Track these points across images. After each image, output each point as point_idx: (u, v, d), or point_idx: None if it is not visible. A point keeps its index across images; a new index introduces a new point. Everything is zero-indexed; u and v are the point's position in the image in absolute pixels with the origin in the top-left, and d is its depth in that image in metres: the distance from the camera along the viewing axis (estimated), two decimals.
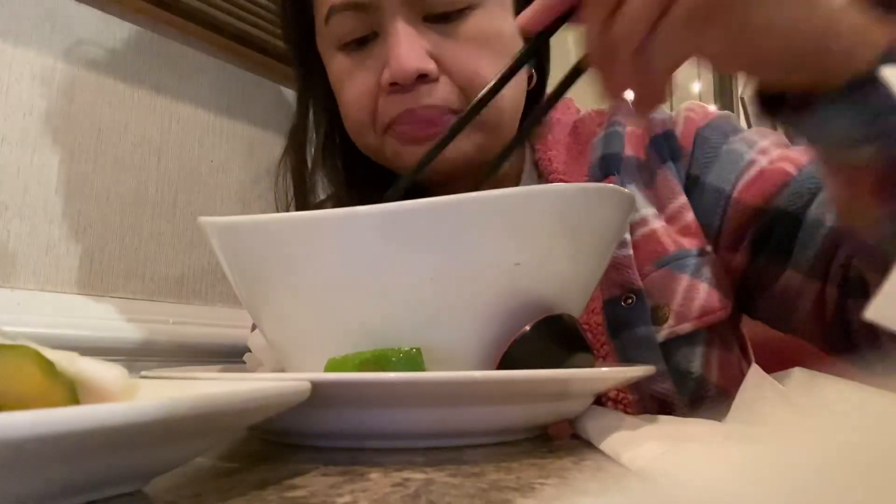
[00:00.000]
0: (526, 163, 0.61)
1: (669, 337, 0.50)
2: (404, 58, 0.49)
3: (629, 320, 0.51)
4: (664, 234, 0.53)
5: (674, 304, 0.51)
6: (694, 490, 0.14)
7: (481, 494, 0.22)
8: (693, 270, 0.52)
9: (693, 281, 0.51)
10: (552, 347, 0.34)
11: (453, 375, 0.29)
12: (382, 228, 0.33)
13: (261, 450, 0.32)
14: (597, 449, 0.30)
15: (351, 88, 0.54)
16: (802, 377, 0.29)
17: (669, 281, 0.51)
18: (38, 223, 0.67)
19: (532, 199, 0.34)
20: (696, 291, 0.51)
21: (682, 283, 0.51)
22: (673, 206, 0.54)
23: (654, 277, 0.51)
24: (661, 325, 0.51)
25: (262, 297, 0.37)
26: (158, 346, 0.73)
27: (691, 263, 0.52)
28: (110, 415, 0.17)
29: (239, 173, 0.88)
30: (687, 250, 0.52)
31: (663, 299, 0.51)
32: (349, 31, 0.53)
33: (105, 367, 0.22)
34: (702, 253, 0.52)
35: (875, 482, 0.12)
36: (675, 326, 0.51)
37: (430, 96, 0.50)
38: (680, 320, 0.51)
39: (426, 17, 0.51)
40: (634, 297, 0.51)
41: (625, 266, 0.51)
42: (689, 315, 0.51)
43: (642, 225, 0.53)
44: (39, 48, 0.68)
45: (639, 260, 0.52)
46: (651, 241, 0.52)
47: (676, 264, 0.52)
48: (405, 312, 0.33)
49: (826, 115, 0.35)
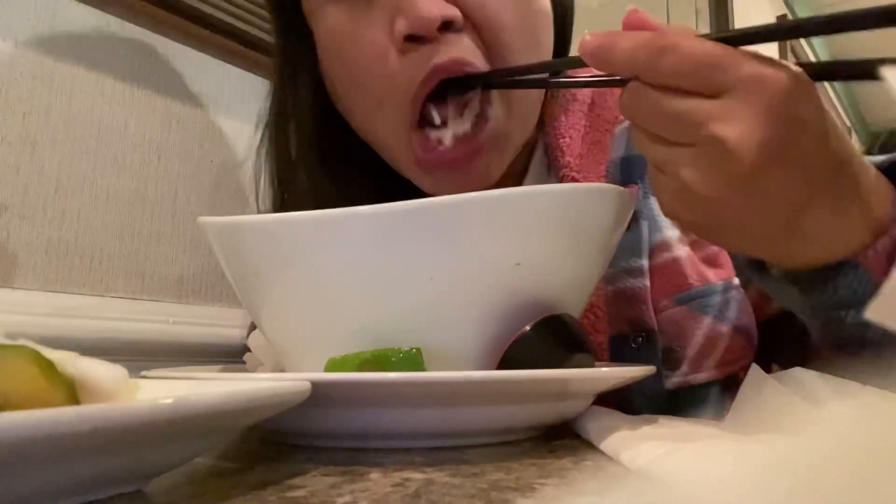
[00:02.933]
0: (538, 148, 0.53)
1: (680, 385, 0.44)
2: (423, 2, 0.40)
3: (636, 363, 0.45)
4: (688, 263, 0.46)
5: (690, 349, 0.44)
6: (694, 490, 0.14)
7: (481, 494, 0.22)
8: (717, 311, 0.45)
9: (716, 325, 0.45)
10: (552, 347, 0.33)
11: (453, 375, 0.29)
12: (382, 228, 0.33)
13: (261, 450, 0.32)
14: (597, 449, 0.30)
15: (353, 52, 0.44)
16: (802, 377, 0.29)
17: (689, 321, 0.45)
18: (38, 223, 0.67)
19: (532, 199, 0.34)
20: (718, 336, 0.45)
21: (703, 327, 0.45)
22: None
23: (672, 314, 0.45)
24: (673, 370, 0.44)
25: (262, 297, 0.37)
26: (158, 346, 0.73)
27: (715, 302, 0.45)
28: (110, 415, 0.17)
29: (239, 173, 0.88)
30: (712, 286, 0.45)
31: (678, 342, 0.44)
32: None
33: (105, 367, 0.22)
34: (727, 287, 0.46)
35: (874, 482, 0.12)
36: (689, 375, 0.44)
37: (459, 47, 0.42)
38: (695, 369, 0.44)
39: None
40: (645, 336, 0.44)
41: (638, 299, 0.45)
42: (707, 364, 0.44)
43: (664, 250, 0.46)
44: (39, 48, 0.68)
45: (655, 291, 0.45)
46: (672, 272, 0.45)
47: (698, 303, 0.45)
48: (405, 312, 0.33)
49: (777, 287, 0.37)
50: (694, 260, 0.46)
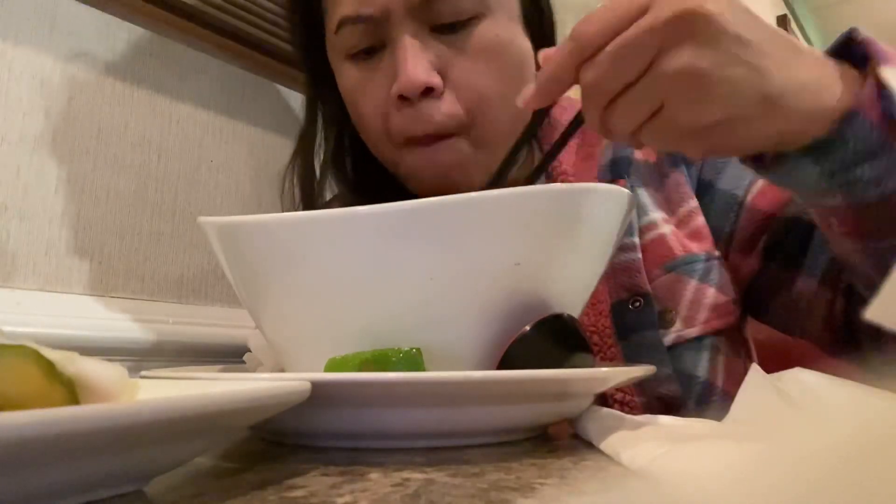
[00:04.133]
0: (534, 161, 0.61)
1: (676, 341, 0.51)
2: (411, 72, 0.49)
3: (637, 324, 0.51)
4: (673, 238, 0.53)
5: (681, 308, 0.51)
6: (694, 490, 0.14)
7: (481, 494, 0.22)
8: (701, 275, 0.52)
9: (701, 285, 0.52)
10: (552, 347, 0.34)
11: (453, 375, 0.29)
12: (382, 228, 0.33)
13: (261, 450, 0.32)
14: (597, 449, 0.30)
15: (364, 103, 0.54)
16: (802, 377, 0.29)
17: (677, 285, 0.52)
18: (38, 223, 0.67)
19: (532, 199, 0.34)
20: (703, 296, 0.52)
21: (690, 288, 0.52)
22: (683, 210, 0.54)
23: (662, 281, 0.52)
24: (669, 328, 0.51)
25: (262, 297, 0.37)
26: (158, 346, 0.72)
27: (699, 268, 0.52)
28: (110, 415, 0.17)
29: (239, 173, 0.88)
30: (695, 255, 0.53)
31: (671, 303, 0.52)
32: (358, 42, 0.53)
33: (105, 367, 0.22)
34: (709, 258, 0.53)
35: (875, 482, 0.12)
36: (682, 330, 0.51)
37: (436, 111, 0.51)
38: (687, 324, 0.51)
39: (433, 27, 0.51)
40: (642, 300, 0.51)
41: (633, 270, 0.52)
42: (697, 319, 0.51)
43: (651, 229, 0.54)
44: (39, 48, 0.68)
45: (647, 264, 0.52)
46: (659, 246, 0.53)
47: (684, 269, 0.52)
48: (405, 312, 0.33)
49: (792, 169, 0.38)
50: (678, 235, 0.54)
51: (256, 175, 0.91)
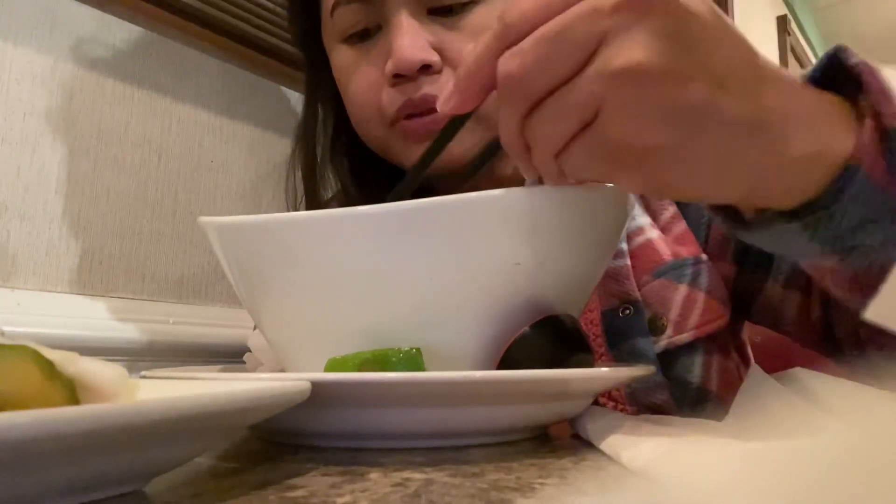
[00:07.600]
0: None
1: (668, 347, 0.50)
2: (407, 49, 0.49)
3: (627, 331, 0.50)
4: (661, 243, 0.52)
5: (672, 313, 0.51)
6: (694, 490, 0.14)
7: (481, 494, 0.22)
8: (691, 279, 0.51)
9: (691, 290, 0.51)
10: (552, 347, 0.33)
11: (453, 375, 0.29)
12: (382, 228, 0.33)
13: (261, 450, 0.32)
14: (597, 449, 0.30)
15: (356, 81, 0.54)
16: (802, 377, 0.29)
17: (667, 291, 0.51)
18: (38, 223, 0.67)
19: (532, 199, 0.34)
20: (694, 301, 0.51)
21: (680, 293, 0.51)
22: (665, 217, 0.54)
23: (652, 287, 0.51)
24: (659, 335, 0.50)
25: (262, 297, 0.37)
26: (158, 346, 0.73)
27: (688, 272, 0.51)
28: (110, 415, 0.17)
29: (239, 173, 0.88)
30: (684, 259, 0.52)
31: (661, 309, 0.51)
32: (353, 24, 0.52)
33: (105, 367, 0.22)
34: (697, 261, 0.52)
35: (875, 481, 0.12)
36: (674, 337, 0.50)
37: (431, 86, 0.50)
38: (678, 330, 0.50)
39: (430, 9, 0.51)
40: (632, 307, 0.50)
41: (622, 276, 0.51)
42: (688, 325, 0.50)
43: (639, 234, 0.53)
44: (39, 48, 0.68)
45: (636, 270, 0.51)
46: (648, 251, 0.52)
47: (674, 273, 0.51)
48: (405, 312, 0.33)
49: (776, 235, 0.32)
50: (665, 240, 0.53)
51: (256, 175, 0.91)
